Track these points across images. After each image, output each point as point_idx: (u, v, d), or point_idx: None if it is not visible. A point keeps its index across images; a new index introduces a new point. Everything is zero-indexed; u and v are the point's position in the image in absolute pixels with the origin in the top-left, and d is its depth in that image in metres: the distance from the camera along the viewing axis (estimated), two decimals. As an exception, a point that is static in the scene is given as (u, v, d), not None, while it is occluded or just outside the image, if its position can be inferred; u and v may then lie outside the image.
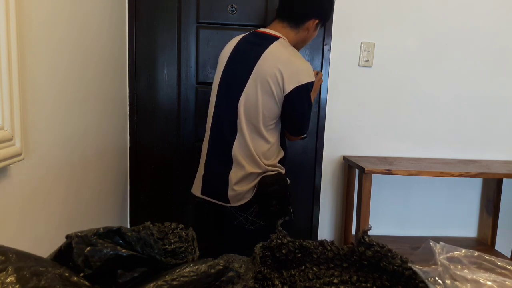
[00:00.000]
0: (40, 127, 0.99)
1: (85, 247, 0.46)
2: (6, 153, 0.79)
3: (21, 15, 0.87)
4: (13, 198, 0.89)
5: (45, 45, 1.00)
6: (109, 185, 1.66)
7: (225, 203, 1.37)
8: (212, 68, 1.95)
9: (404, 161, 1.98)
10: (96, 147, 1.43)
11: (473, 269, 0.51)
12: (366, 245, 0.56)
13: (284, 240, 0.58)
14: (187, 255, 0.53)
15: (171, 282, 0.43)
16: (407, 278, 0.54)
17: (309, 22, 1.39)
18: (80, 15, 1.23)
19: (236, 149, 1.34)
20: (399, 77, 2.05)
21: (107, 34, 1.54)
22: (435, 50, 2.04)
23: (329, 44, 1.99)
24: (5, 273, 0.37)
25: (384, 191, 2.17)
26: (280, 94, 1.30)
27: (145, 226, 0.51)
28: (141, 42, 1.91)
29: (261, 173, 1.34)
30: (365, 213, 1.79)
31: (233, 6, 1.91)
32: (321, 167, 2.09)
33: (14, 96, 0.81)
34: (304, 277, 0.57)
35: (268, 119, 1.33)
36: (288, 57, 1.31)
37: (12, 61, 0.80)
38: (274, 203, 1.32)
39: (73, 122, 1.20)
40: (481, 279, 0.50)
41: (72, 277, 0.41)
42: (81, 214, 1.30)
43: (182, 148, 2.01)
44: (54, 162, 1.08)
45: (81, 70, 1.25)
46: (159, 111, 1.98)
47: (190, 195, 1.47)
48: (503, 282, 0.50)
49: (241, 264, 0.50)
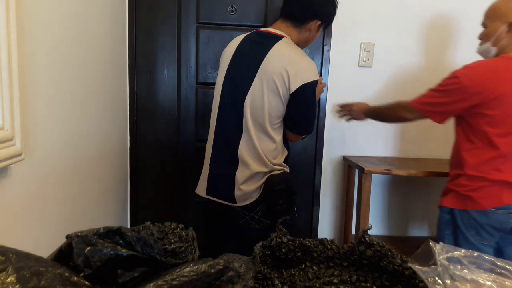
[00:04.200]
0: (40, 127, 0.99)
1: (85, 247, 0.46)
2: (6, 153, 0.79)
3: (21, 15, 0.87)
4: (13, 198, 0.89)
5: (45, 45, 1.00)
6: (109, 185, 1.66)
7: (231, 203, 1.37)
8: (212, 68, 1.95)
9: (404, 161, 1.98)
10: (96, 147, 1.43)
11: (472, 269, 0.51)
12: (366, 244, 0.56)
13: (284, 239, 0.58)
14: (187, 255, 0.53)
15: (171, 282, 0.43)
16: (407, 278, 0.54)
17: (312, 22, 1.39)
18: (80, 15, 1.23)
19: (242, 148, 1.34)
20: (399, 77, 2.05)
21: (107, 34, 1.54)
22: (435, 50, 2.04)
23: (329, 44, 1.99)
24: (5, 273, 0.37)
25: (384, 191, 2.17)
26: (285, 93, 1.30)
27: (145, 226, 0.51)
28: (141, 42, 1.91)
29: (267, 172, 1.35)
30: (365, 213, 1.79)
31: (233, 6, 1.91)
32: (321, 167, 2.09)
33: (14, 96, 0.81)
34: (304, 276, 0.57)
35: (274, 118, 1.33)
36: (293, 56, 1.31)
37: (12, 61, 0.80)
38: (281, 202, 1.32)
39: (73, 122, 1.20)
40: (481, 279, 0.50)
41: (72, 277, 0.41)
42: (81, 214, 1.30)
43: (182, 148, 2.01)
44: (54, 162, 1.08)
45: (81, 70, 1.25)
46: (159, 111, 1.98)
47: (190, 195, 1.47)
48: (503, 282, 0.50)
49: (241, 264, 0.50)
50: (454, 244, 1.25)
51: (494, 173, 1.33)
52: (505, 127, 1.31)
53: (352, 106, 1.78)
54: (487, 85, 1.30)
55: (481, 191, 1.35)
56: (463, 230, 1.39)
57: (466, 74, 1.33)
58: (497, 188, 1.33)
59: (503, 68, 1.32)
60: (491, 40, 1.40)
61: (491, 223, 1.34)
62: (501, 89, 1.29)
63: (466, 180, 1.38)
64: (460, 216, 1.39)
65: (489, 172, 1.34)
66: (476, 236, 1.37)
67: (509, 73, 1.30)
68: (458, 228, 1.40)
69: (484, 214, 1.34)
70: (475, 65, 1.35)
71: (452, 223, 1.43)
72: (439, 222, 1.48)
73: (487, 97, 1.30)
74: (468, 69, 1.35)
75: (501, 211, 1.33)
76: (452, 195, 1.43)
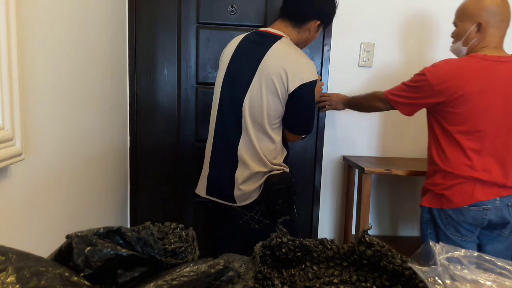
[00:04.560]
0: (41, 127, 0.99)
1: (85, 247, 0.46)
2: (6, 153, 0.79)
3: (21, 15, 0.87)
4: (13, 198, 0.89)
5: (45, 45, 1.00)
6: (109, 185, 1.66)
7: (231, 202, 1.37)
8: (213, 68, 1.95)
9: (404, 161, 1.98)
10: (97, 147, 1.43)
11: (472, 269, 0.51)
12: (366, 244, 0.56)
13: (284, 239, 0.58)
14: (187, 255, 0.53)
15: (171, 282, 0.43)
16: (407, 278, 0.54)
17: (311, 23, 1.39)
18: (80, 15, 1.23)
19: (242, 148, 1.34)
20: (399, 77, 2.04)
21: (107, 34, 1.54)
22: (435, 50, 2.04)
23: (329, 44, 1.99)
24: (5, 273, 0.37)
25: (384, 191, 2.17)
26: (284, 93, 1.30)
27: (145, 226, 0.51)
28: (141, 42, 1.91)
29: (267, 172, 1.35)
30: (365, 213, 1.80)
31: (233, 6, 1.91)
32: (321, 167, 2.09)
33: (14, 96, 0.81)
34: (304, 276, 0.57)
35: (273, 118, 1.33)
36: (292, 56, 1.31)
37: (12, 61, 0.80)
38: (281, 202, 1.32)
39: (73, 122, 1.20)
40: (481, 279, 0.50)
41: (72, 277, 0.41)
42: (81, 214, 1.31)
43: (182, 148, 2.01)
44: (54, 162, 1.08)
45: (81, 70, 1.25)
46: (159, 111, 1.98)
47: (190, 195, 1.47)
48: (503, 282, 0.50)
49: (241, 264, 0.50)
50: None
51: (465, 169, 1.35)
52: (468, 125, 1.34)
53: (331, 97, 1.85)
54: (452, 83, 1.32)
55: (454, 189, 1.37)
56: (443, 229, 1.42)
57: (432, 72, 1.36)
58: (469, 186, 1.35)
59: (469, 68, 1.33)
60: (461, 39, 1.42)
61: (467, 220, 1.36)
62: (466, 88, 1.31)
63: (440, 178, 1.41)
64: (438, 215, 1.43)
65: (460, 169, 1.36)
66: (456, 234, 1.40)
67: (474, 73, 1.32)
68: (438, 226, 1.43)
69: (459, 212, 1.36)
70: (443, 64, 1.37)
71: (432, 222, 1.46)
72: (421, 222, 1.52)
73: (452, 95, 1.32)
74: (435, 67, 1.37)
75: (475, 208, 1.35)
76: (429, 195, 1.47)
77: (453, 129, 1.36)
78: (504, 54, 1.37)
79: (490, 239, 1.42)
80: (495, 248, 1.41)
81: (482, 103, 1.30)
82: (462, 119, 1.34)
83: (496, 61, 1.32)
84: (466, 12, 1.40)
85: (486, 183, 1.34)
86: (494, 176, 1.34)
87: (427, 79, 1.36)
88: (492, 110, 1.31)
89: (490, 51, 1.35)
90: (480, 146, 1.34)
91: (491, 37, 1.35)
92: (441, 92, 1.33)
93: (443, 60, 1.38)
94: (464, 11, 1.41)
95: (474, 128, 1.33)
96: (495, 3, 1.34)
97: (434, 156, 1.43)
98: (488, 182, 1.34)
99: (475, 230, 1.38)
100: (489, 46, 1.35)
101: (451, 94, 1.32)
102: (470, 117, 1.32)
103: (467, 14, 1.39)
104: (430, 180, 1.46)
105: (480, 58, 1.33)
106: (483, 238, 1.42)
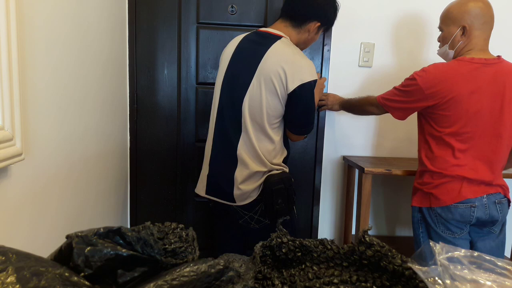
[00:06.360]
0: (41, 127, 0.99)
1: (85, 247, 0.46)
2: (6, 153, 0.79)
3: (21, 15, 0.87)
4: (13, 198, 0.89)
5: (45, 45, 1.00)
6: (109, 185, 1.66)
7: (230, 202, 1.38)
8: (213, 68, 1.95)
9: (404, 161, 1.98)
10: (97, 147, 1.43)
11: (472, 269, 0.51)
12: (367, 244, 0.56)
13: (284, 239, 0.58)
14: (187, 255, 0.53)
15: (171, 282, 0.43)
16: (407, 278, 0.54)
17: (311, 23, 1.39)
18: (80, 15, 1.23)
19: (241, 148, 1.34)
20: (399, 77, 2.04)
21: (107, 34, 1.54)
22: (434, 50, 2.04)
23: (329, 44, 1.99)
24: (5, 273, 0.37)
25: (384, 191, 2.17)
26: (283, 93, 1.30)
27: (145, 226, 0.51)
28: (141, 42, 1.91)
29: (266, 171, 1.35)
30: (365, 213, 1.80)
31: (233, 6, 1.91)
32: (321, 167, 2.09)
33: (14, 96, 0.81)
34: (304, 276, 0.57)
35: (272, 118, 1.33)
36: (291, 56, 1.31)
37: (12, 61, 0.80)
38: (280, 201, 1.33)
39: (73, 122, 1.20)
40: (481, 279, 0.50)
41: (72, 277, 0.41)
42: (81, 214, 1.31)
43: (182, 148, 2.02)
44: (54, 162, 1.08)
45: (81, 70, 1.25)
46: (159, 111, 1.98)
47: (190, 195, 1.47)
48: (503, 282, 0.50)
49: (241, 264, 0.50)
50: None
51: (453, 169, 1.38)
52: (457, 126, 1.37)
53: (327, 97, 1.89)
54: (442, 87, 1.35)
55: (442, 188, 1.40)
56: (434, 227, 1.45)
57: (422, 76, 1.39)
58: (456, 184, 1.38)
59: (458, 71, 1.36)
60: (448, 43, 1.44)
61: (455, 218, 1.39)
62: (455, 91, 1.34)
63: (429, 178, 1.44)
64: (428, 214, 1.46)
65: (447, 169, 1.39)
66: (446, 231, 1.43)
67: (462, 76, 1.35)
68: (429, 225, 1.46)
69: (448, 210, 1.39)
70: (432, 68, 1.40)
71: (423, 221, 1.49)
72: (413, 222, 1.55)
73: (443, 98, 1.35)
74: (425, 71, 1.40)
75: (462, 206, 1.38)
76: (418, 194, 1.50)
77: (442, 131, 1.39)
78: (490, 56, 1.40)
79: (480, 236, 1.45)
80: (486, 245, 1.44)
81: (471, 105, 1.34)
82: (451, 121, 1.37)
83: (483, 63, 1.35)
84: (450, 17, 1.43)
85: (473, 181, 1.37)
86: (481, 174, 1.37)
87: (417, 84, 1.39)
88: (480, 111, 1.34)
89: (477, 53, 1.38)
90: (468, 146, 1.37)
91: (476, 39, 1.38)
92: (432, 95, 1.36)
93: (432, 65, 1.42)
94: (448, 15, 1.44)
95: (463, 129, 1.36)
96: (478, 6, 1.37)
97: (423, 157, 1.47)
98: (475, 181, 1.37)
99: (464, 227, 1.41)
100: (475, 49, 1.39)
101: (442, 97, 1.35)
102: (459, 119, 1.36)
103: (451, 18, 1.42)
104: (420, 180, 1.49)
105: (468, 61, 1.36)
106: (474, 235, 1.45)
